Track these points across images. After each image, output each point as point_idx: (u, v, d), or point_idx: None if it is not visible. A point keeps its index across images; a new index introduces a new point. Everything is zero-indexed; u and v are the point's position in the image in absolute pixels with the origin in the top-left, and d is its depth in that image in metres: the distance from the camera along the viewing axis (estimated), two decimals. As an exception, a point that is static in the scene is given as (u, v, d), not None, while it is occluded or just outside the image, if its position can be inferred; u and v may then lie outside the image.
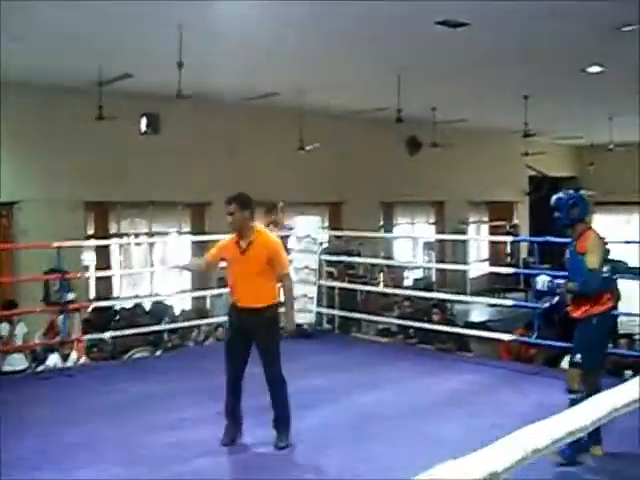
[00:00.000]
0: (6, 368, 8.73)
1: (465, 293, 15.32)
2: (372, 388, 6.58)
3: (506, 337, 8.17)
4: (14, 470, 4.66)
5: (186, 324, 10.29)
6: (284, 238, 9.65)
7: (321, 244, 10.01)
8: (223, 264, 5.64)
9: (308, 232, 9.45)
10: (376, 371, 7.29)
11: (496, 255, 19.53)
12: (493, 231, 19.60)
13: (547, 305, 5.53)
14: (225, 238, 5.50)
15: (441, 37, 8.59)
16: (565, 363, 6.19)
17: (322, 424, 5.58)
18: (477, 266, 18.52)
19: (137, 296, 11.15)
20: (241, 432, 5.36)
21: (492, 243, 19.67)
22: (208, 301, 12.15)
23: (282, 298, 5.55)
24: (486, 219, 20.20)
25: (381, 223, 17.19)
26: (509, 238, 16.72)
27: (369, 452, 4.92)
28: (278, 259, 5.33)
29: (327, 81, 11.48)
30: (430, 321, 8.77)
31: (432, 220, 18.72)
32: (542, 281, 5.14)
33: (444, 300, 9.72)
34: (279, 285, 5.44)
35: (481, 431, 5.27)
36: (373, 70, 10.75)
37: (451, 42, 8.89)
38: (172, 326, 10.07)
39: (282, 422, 5.29)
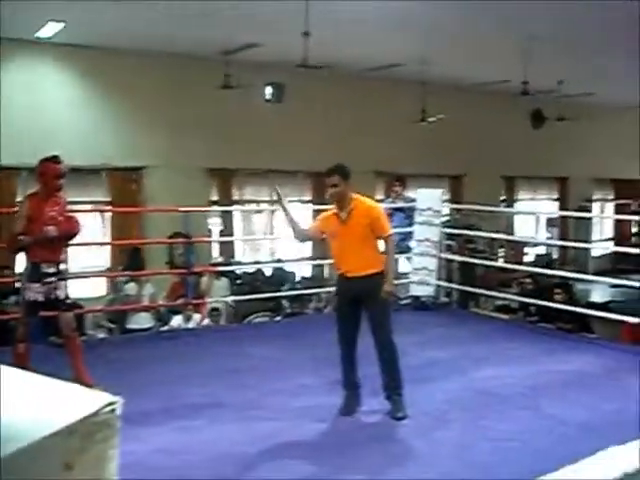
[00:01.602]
0: (132, 326, 9.09)
1: (587, 272, 14.87)
2: (492, 364, 6.50)
3: (633, 320, 7.89)
4: (137, 425, 4.75)
5: (307, 291, 10.41)
6: (405, 210, 9.65)
7: (442, 217, 9.91)
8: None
9: (430, 205, 9.37)
10: (496, 347, 7.19)
11: (621, 235, 18.85)
12: (618, 210, 18.90)
13: None
14: (325, 212, 5.50)
15: (572, 4, 8.29)
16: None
17: (442, 399, 5.53)
18: (601, 245, 17.93)
19: (258, 262, 11.36)
20: (360, 402, 5.36)
21: (617, 222, 18.98)
22: (326, 269, 12.26)
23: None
24: (611, 197, 19.50)
25: (502, 198, 16.87)
26: (636, 217, 16.08)
27: (491, 431, 4.86)
28: (379, 223, 5.29)
29: (452, 52, 11.30)
30: (552, 300, 8.55)
31: (555, 196, 18.23)
32: None
33: (567, 279, 9.45)
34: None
35: (606, 415, 5.19)
36: (499, 40, 10.49)
37: (583, 10, 8.57)
38: (293, 293, 10.23)
39: (395, 390, 5.26)
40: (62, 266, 5.78)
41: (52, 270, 5.61)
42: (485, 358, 6.71)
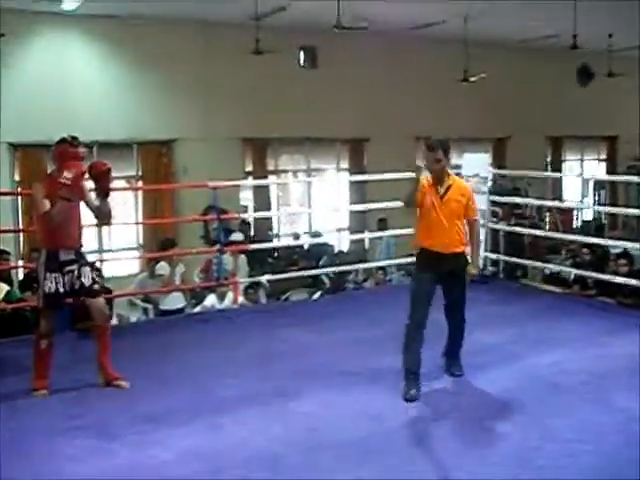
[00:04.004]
0: (165, 307, 8.73)
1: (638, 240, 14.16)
2: (548, 347, 5.95)
3: None
4: (163, 425, 4.53)
5: (350, 267, 9.98)
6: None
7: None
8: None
9: (476, 171, 8.81)
10: (551, 327, 6.62)
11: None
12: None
13: None
14: (424, 182, 5.23)
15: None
16: None
17: (498, 391, 5.06)
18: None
19: (296, 235, 10.91)
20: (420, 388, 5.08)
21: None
22: (367, 242, 11.80)
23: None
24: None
25: (548, 159, 16.19)
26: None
27: (551, 429, 4.37)
28: (472, 205, 5.33)
29: (495, 6, 10.65)
30: (614, 271, 7.96)
31: (603, 157, 17.48)
32: None
33: (626, 248, 8.80)
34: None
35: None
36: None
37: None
38: (333, 269, 9.78)
39: (456, 353, 5.44)
40: (81, 250, 5.34)
41: (71, 257, 5.19)
42: (539, 341, 6.17)
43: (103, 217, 5.44)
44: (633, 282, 7.33)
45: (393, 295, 8.58)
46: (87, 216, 5.45)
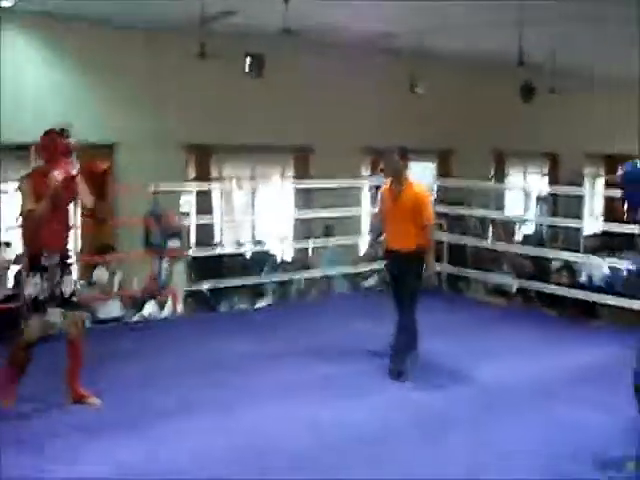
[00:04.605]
0: (102, 315, 8.46)
1: (578, 252, 14.34)
2: (493, 358, 5.96)
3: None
4: (93, 438, 4.35)
5: (292, 276, 9.89)
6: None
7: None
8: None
9: (421, 181, 8.77)
10: (496, 338, 6.64)
11: (612, 213, 18.32)
12: (610, 187, 18.38)
13: None
14: (382, 188, 6.09)
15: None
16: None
17: (440, 400, 4.99)
18: (594, 223, 17.39)
19: (239, 243, 10.72)
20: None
21: (608, 200, 18.51)
22: (310, 251, 11.66)
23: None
24: (603, 173, 18.98)
25: (492, 174, 16.31)
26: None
27: (495, 437, 4.32)
28: (424, 211, 5.76)
29: (446, 22, 10.66)
30: (555, 283, 7.99)
31: (545, 171, 17.69)
32: None
33: (567, 260, 8.85)
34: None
35: (624, 418, 4.64)
36: (491, 11, 9.86)
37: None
38: (275, 278, 9.65)
39: (402, 354, 5.60)
40: (68, 254, 5.00)
41: (55, 261, 4.83)
42: (485, 351, 6.21)
43: (98, 216, 5.21)
44: (574, 294, 7.37)
45: (336, 305, 8.52)
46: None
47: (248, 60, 10.64)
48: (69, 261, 4.99)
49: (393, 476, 3.92)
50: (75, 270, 10.10)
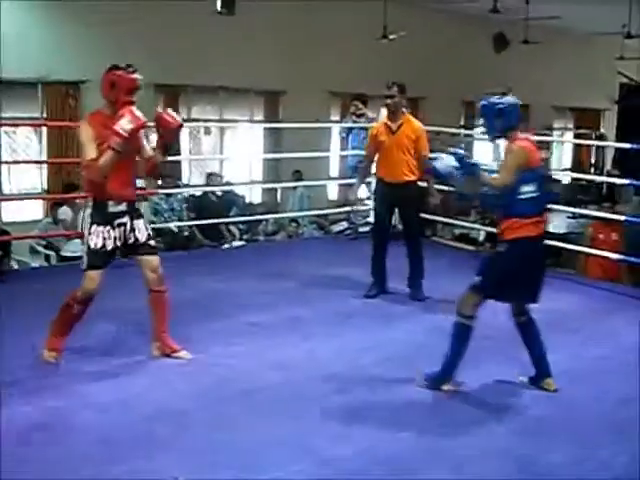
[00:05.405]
0: (66, 253, 8.35)
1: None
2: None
3: (600, 253, 7.47)
4: (70, 367, 4.43)
5: (261, 217, 9.82)
6: (366, 130, 8.99)
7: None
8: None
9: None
10: (467, 282, 6.63)
11: (579, 165, 18.47)
12: (577, 139, 18.48)
13: None
14: (373, 127, 6.36)
15: None
16: None
17: (404, 342, 5.06)
18: (559, 174, 17.52)
19: (207, 184, 10.64)
20: (385, 289, 6.24)
21: (575, 153, 18.63)
22: (279, 194, 11.63)
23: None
24: (571, 126, 19.08)
25: (462, 122, 16.29)
26: (596, 143, 15.89)
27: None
28: (422, 141, 6.06)
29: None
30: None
31: (515, 123, 17.71)
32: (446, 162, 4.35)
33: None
34: None
35: (587, 361, 4.78)
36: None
37: None
38: (243, 219, 9.62)
39: (418, 282, 6.22)
40: (135, 202, 4.67)
41: (122, 208, 4.52)
42: (456, 294, 6.17)
43: (154, 172, 4.97)
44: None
45: (304, 248, 8.51)
46: None
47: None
48: (137, 205, 4.70)
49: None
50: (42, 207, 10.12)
